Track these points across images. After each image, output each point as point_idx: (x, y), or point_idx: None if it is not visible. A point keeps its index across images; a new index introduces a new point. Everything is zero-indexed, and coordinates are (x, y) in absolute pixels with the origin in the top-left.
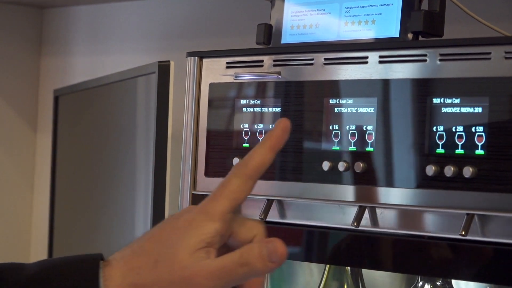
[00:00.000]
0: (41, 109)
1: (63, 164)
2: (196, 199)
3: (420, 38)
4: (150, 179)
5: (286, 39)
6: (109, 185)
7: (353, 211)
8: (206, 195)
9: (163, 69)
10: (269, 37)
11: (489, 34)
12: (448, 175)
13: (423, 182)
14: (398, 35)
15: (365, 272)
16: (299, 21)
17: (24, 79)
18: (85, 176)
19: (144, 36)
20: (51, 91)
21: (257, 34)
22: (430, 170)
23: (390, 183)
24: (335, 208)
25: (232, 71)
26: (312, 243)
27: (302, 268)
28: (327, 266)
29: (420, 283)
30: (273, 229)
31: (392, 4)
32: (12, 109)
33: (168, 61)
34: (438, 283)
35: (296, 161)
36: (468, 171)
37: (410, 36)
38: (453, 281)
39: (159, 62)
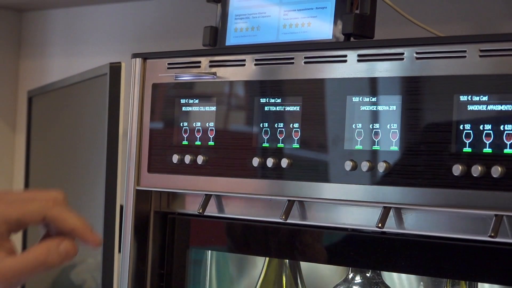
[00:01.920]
0: (20, 110)
1: (38, 162)
2: (141, 194)
3: (352, 39)
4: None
5: (230, 41)
6: (75, 181)
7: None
8: (150, 191)
9: (115, 70)
10: (214, 39)
11: (423, 35)
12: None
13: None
14: (331, 37)
15: (308, 266)
16: (242, 24)
17: (3, 80)
18: (56, 174)
19: (117, 39)
20: None
21: (204, 36)
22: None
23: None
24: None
25: (172, 71)
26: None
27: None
28: (267, 258)
29: (351, 275)
30: (212, 223)
31: (326, 7)
32: None
33: (119, 63)
34: (368, 275)
35: (228, 157)
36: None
37: (341, 37)
38: (386, 273)
39: (110, 63)
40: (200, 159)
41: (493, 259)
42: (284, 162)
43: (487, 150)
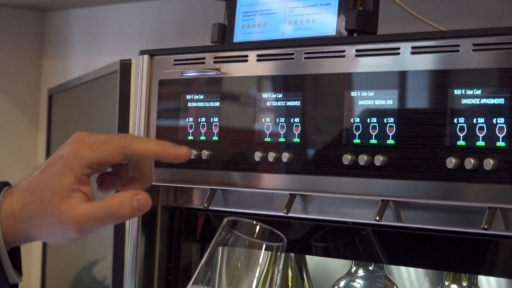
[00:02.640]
0: (42, 108)
1: None
2: (148, 189)
3: (355, 35)
4: None
5: (238, 37)
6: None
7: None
8: (157, 186)
9: (125, 67)
10: (223, 36)
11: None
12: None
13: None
14: (334, 33)
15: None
16: (249, 21)
17: (26, 79)
18: None
19: (138, 37)
20: None
21: (212, 33)
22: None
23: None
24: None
25: (178, 68)
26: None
27: None
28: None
29: (354, 268)
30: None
31: (330, 4)
32: (15, 108)
33: (130, 60)
34: (371, 268)
35: (231, 152)
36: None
37: (344, 33)
38: (394, 267)
39: (121, 60)
40: (204, 154)
41: (488, 251)
42: (285, 156)
43: (480, 143)
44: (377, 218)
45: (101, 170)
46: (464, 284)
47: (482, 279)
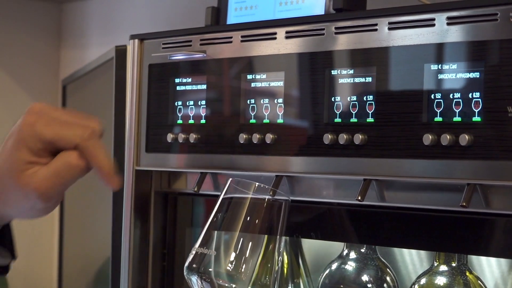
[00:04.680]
0: (61, 99)
1: None
2: (141, 175)
3: None
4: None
5: (230, 20)
6: None
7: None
8: (150, 171)
9: (120, 53)
10: (216, 19)
11: None
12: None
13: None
14: (323, 12)
15: (310, 243)
16: (241, 3)
17: (45, 70)
18: None
19: (152, 27)
20: None
21: (206, 16)
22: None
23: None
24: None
25: (166, 51)
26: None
27: None
28: (265, 236)
29: (346, 251)
30: None
31: None
32: (34, 99)
33: (125, 45)
34: (362, 250)
35: (218, 135)
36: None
37: (333, 12)
38: (396, 250)
39: (116, 46)
40: (192, 138)
41: (473, 230)
42: (268, 138)
43: (457, 118)
44: (359, 198)
45: (54, 150)
46: (454, 264)
47: (473, 260)
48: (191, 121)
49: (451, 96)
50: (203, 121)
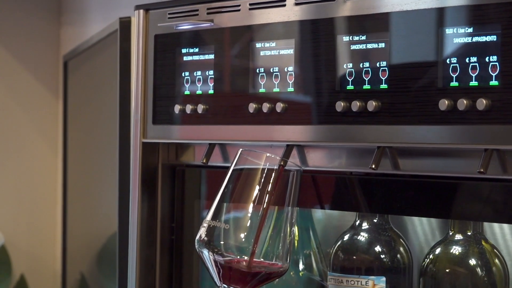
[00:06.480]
0: (61, 76)
1: (74, 125)
2: (148, 147)
3: None
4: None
5: None
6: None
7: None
8: (157, 144)
9: (125, 25)
10: None
11: None
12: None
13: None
14: None
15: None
16: None
17: (45, 48)
18: (89, 134)
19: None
20: None
21: None
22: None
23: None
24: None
25: (173, 21)
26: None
27: None
28: (276, 207)
29: (358, 221)
30: None
31: None
32: (34, 77)
33: (129, 17)
34: (375, 221)
35: (227, 105)
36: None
37: None
38: (408, 219)
39: (120, 18)
40: (200, 108)
41: (489, 196)
42: (279, 107)
43: (473, 83)
44: (373, 166)
45: None
46: (469, 233)
47: (487, 228)
48: (198, 91)
49: (467, 60)
50: (211, 91)
